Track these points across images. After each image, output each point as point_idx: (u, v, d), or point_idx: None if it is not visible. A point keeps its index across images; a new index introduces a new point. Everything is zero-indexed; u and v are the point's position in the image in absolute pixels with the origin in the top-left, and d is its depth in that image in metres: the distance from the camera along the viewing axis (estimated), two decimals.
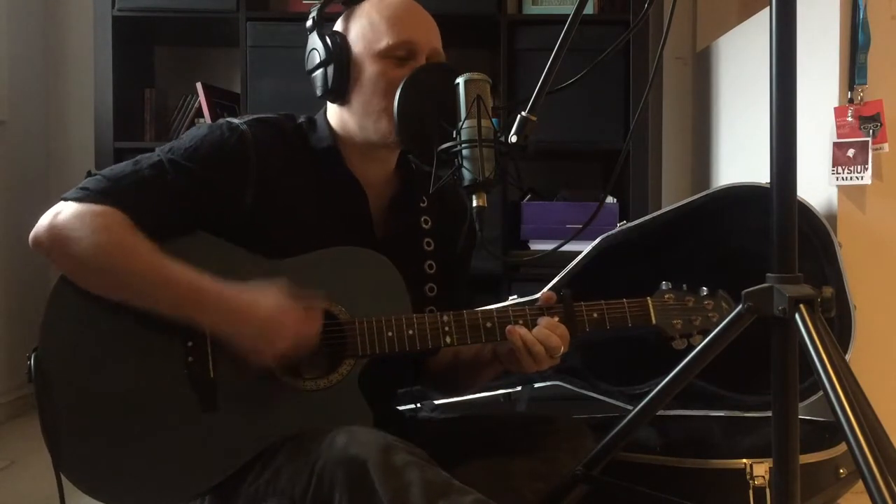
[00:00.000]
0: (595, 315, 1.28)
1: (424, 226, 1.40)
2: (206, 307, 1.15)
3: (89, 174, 1.23)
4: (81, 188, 1.19)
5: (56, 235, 1.16)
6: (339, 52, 1.27)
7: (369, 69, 1.27)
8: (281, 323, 1.14)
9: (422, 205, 1.41)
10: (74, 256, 1.15)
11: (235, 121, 1.28)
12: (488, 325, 1.25)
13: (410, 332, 1.22)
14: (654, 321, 1.30)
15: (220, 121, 1.28)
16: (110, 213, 1.16)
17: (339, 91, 1.28)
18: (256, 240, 1.23)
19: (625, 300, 1.29)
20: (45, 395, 1.14)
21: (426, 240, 1.39)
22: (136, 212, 1.17)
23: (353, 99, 1.29)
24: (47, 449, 1.14)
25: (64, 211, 1.17)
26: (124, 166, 1.22)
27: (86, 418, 1.15)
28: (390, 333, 1.21)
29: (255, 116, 1.31)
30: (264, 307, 1.14)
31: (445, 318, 1.24)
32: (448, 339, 1.24)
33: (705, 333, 1.28)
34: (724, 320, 1.27)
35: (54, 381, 1.15)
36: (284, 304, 1.15)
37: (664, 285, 1.33)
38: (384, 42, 1.26)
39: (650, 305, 1.30)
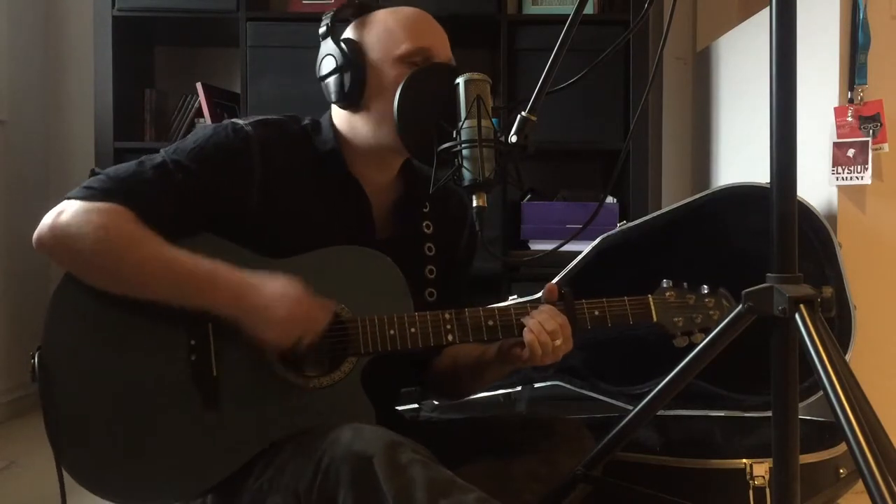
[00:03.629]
0: (597, 313, 1.28)
1: (426, 231, 1.40)
2: (216, 289, 1.15)
3: (93, 172, 1.23)
4: (86, 187, 1.19)
5: (60, 234, 1.16)
6: (355, 58, 1.27)
7: (387, 75, 1.26)
8: (290, 308, 1.14)
9: (424, 210, 1.41)
10: (79, 252, 1.15)
11: (240, 122, 1.28)
12: (490, 323, 1.25)
13: (413, 330, 1.22)
14: (655, 319, 1.30)
15: (226, 122, 1.28)
16: (115, 211, 1.16)
17: (355, 97, 1.28)
18: (259, 241, 1.23)
19: (626, 298, 1.29)
20: (48, 393, 1.14)
21: (427, 245, 1.39)
22: (142, 209, 1.17)
23: (368, 105, 1.28)
24: (51, 446, 1.14)
25: (67, 210, 1.17)
26: (128, 166, 1.22)
27: (89, 416, 1.15)
28: (392, 331, 1.22)
29: (259, 118, 1.31)
30: (275, 292, 1.15)
31: (447, 315, 1.24)
32: (450, 337, 1.24)
33: (706, 331, 1.28)
34: (724, 318, 1.28)
35: (57, 379, 1.15)
36: (296, 292, 1.15)
37: (665, 283, 1.33)
38: (403, 48, 1.26)
39: (651, 303, 1.30)
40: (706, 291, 1.32)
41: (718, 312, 1.30)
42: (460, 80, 1.17)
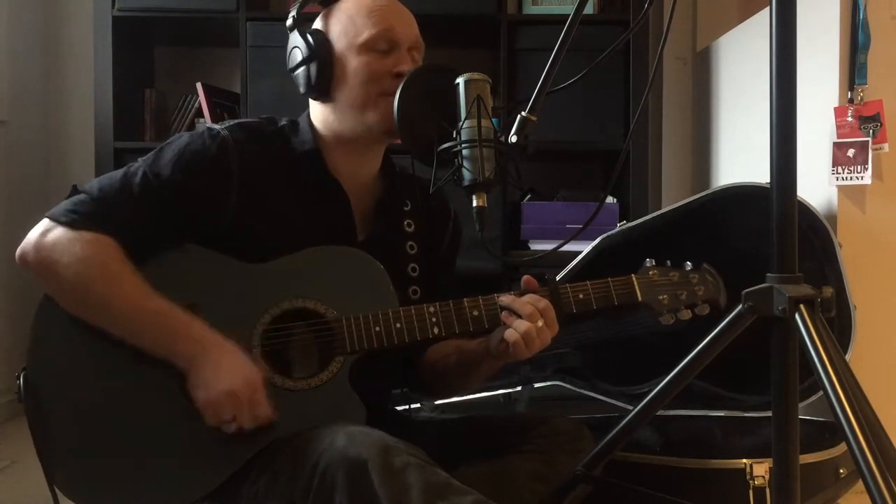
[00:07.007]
0: (581, 295, 1.26)
1: (408, 229, 1.40)
2: (176, 344, 1.15)
3: (75, 189, 1.23)
4: (70, 210, 1.19)
5: (43, 258, 1.17)
6: (320, 48, 1.28)
7: (352, 63, 1.27)
8: (232, 386, 1.12)
9: (405, 208, 1.41)
10: (59, 282, 1.17)
11: (216, 127, 1.28)
12: (475, 313, 1.24)
13: (398, 325, 1.22)
14: (640, 298, 1.27)
15: (202, 127, 1.29)
16: (99, 241, 1.17)
17: (323, 87, 1.28)
18: (241, 245, 1.23)
19: (609, 279, 1.28)
20: (36, 413, 1.15)
21: (409, 243, 1.39)
22: (125, 236, 1.18)
23: (337, 94, 1.29)
24: (41, 465, 1.14)
25: (52, 233, 1.17)
26: (111, 184, 1.22)
27: (78, 433, 1.15)
28: (378, 328, 1.21)
29: (236, 122, 1.31)
30: (230, 365, 1.14)
31: (432, 308, 1.24)
32: (436, 330, 1.23)
33: (692, 307, 1.28)
34: (709, 293, 1.27)
35: (44, 398, 1.16)
36: (249, 376, 1.14)
37: (648, 262, 1.31)
38: (365, 34, 1.27)
39: (635, 282, 1.28)
40: (690, 268, 1.30)
41: (702, 288, 1.28)
42: (460, 80, 1.17)
